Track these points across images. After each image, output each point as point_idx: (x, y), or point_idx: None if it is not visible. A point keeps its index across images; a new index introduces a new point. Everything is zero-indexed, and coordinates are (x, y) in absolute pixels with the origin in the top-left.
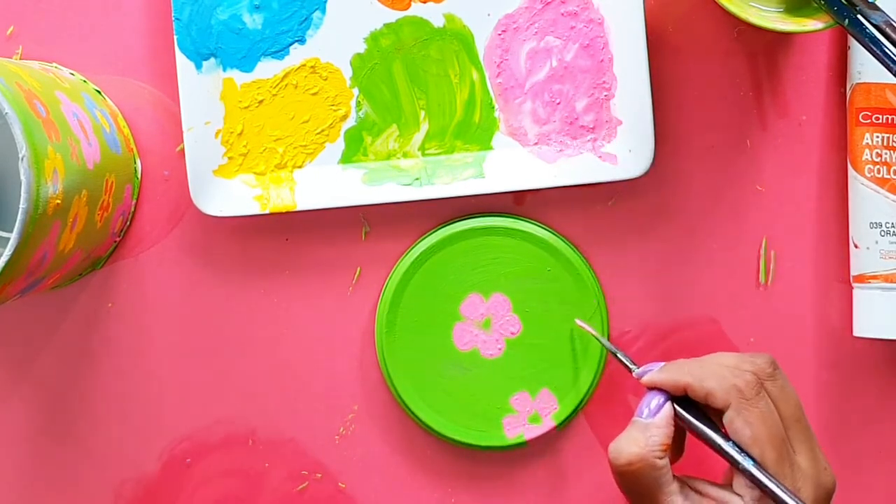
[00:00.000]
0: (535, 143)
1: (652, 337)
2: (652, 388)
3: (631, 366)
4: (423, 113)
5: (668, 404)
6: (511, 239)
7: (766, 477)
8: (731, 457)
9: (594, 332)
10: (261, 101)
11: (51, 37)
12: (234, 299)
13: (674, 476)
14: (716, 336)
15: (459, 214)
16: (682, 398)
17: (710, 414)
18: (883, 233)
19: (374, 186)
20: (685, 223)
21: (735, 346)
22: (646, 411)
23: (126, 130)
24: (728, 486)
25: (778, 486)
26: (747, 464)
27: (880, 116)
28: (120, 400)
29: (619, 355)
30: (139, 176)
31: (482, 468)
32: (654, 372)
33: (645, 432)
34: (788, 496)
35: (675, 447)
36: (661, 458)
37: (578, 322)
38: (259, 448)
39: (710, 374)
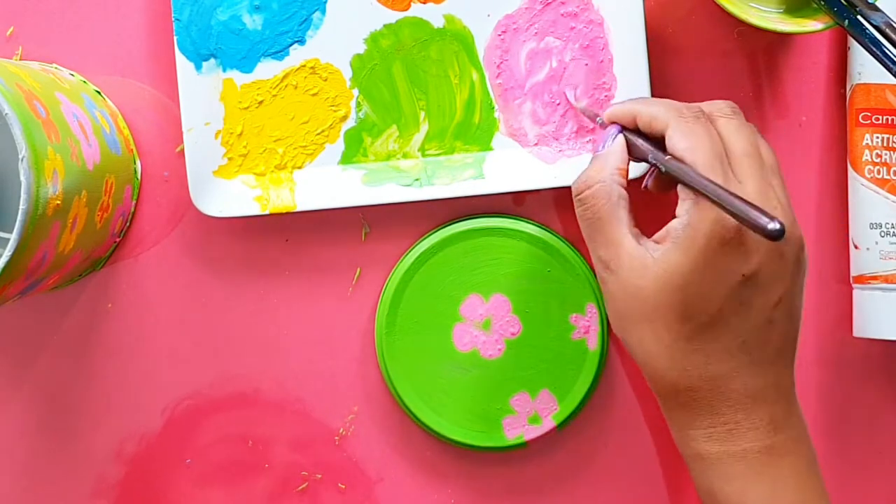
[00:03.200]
0: (535, 144)
1: None
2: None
3: (598, 113)
4: (422, 114)
5: (620, 133)
6: (511, 240)
7: (690, 169)
8: (665, 162)
9: (574, 103)
10: (261, 102)
11: (51, 37)
12: (233, 300)
13: (634, 225)
14: None
15: (459, 215)
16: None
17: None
18: (883, 233)
19: (374, 187)
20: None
21: None
22: (601, 146)
23: (126, 131)
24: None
25: (705, 180)
26: (675, 164)
27: (880, 117)
28: (120, 400)
29: (587, 112)
30: (139, 177)
31: (482, 469)
32: (613, 107)
33: (601, 160)
34: (713, 186)
35: (661, 185)
36: (618, 181)
37: (564, 91)
38: (259, 448)
39: (661, 102)
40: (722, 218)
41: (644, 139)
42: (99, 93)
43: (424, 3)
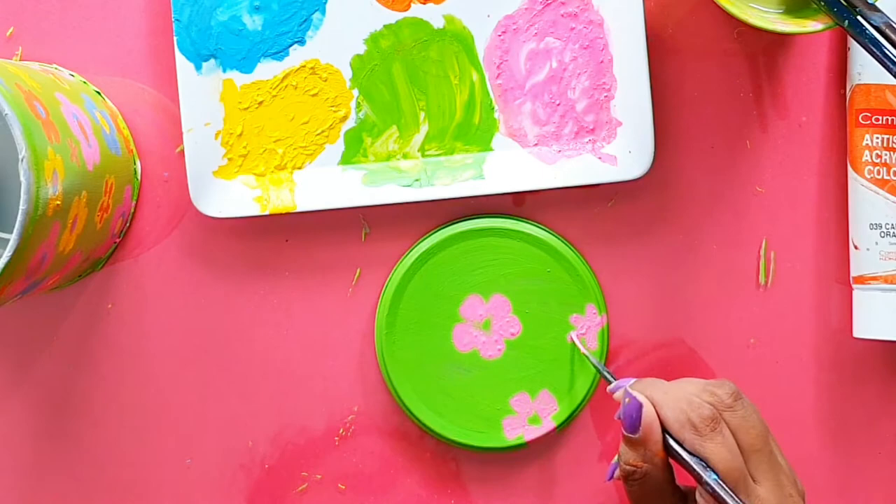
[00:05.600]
0: (535, 145)
1: (651, 338)
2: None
3: (611, 379)
4: (422, 114)
5: (652, 411)
6: (511, 240)
7: (726, 492)
8: (695, 471)
9: (583, 349)
10: (260, 103)
11: (51, 38)
12: (233, 300)
13: (676, 493)
14: (715, 337)
15: (459, 216)
16: None
17: None
18: (883, 234)
19: (374, 187)
20: (685, 224)
21: (735, 347)
22: (630, 426)
23: (126, 132)
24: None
25: (736, 501)
26: (709, 477)
27: (880, 118)
28: (120, 400)
29: (603, 372)
30: (139, 177)
31: (482, 469)
32: (624, 386)
33: (641, 447)
34: None
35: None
36: (663, 467)
37: (571, 336)
38: (259, 449)
39: (668, 402)
40: None
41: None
42: (99, 93)
43: (424, 3)
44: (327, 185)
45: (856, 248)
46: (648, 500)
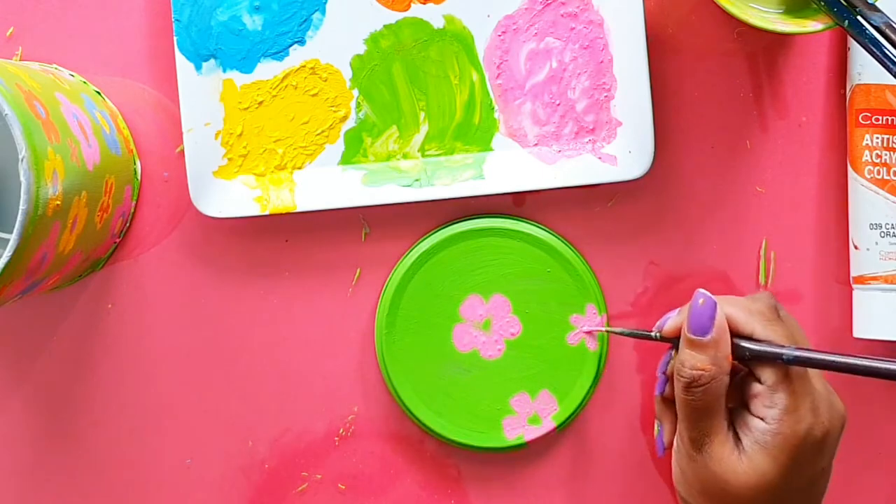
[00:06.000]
0: (535, 145)
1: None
2: (671, 337)
3: (650, 333)
4: (422, 114)
5: (721, 313)
6: (511, 240)
7: (810, 352)
8: (772, 352)
9: (603, 328)
10: (260, 103)
11: (51, 38)
12: (233, 300)
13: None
14: None
15: (459, 216)
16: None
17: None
18: (883, 234)
19: (374, 188)
20: (685, 224)
21: None
22: (701, 329)
23: (126, 132)
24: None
25: (825, 353)
26: (789, 351)
27: (880, 118)
28: (120, 400)
29: (635, 333)
30: (139, 177)
31: (482, 469)
32: (674, 316)
33: (711, 349)
34: (837, 356)
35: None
36: (728, 372)
37: (583, 330)
38: (259, 449)
39: (730, 303)
40: (813, 425)
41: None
42: (99, 93)
43: (424, 3)
44: (327, 185)
45: (856, 248)
46: (707, 410)
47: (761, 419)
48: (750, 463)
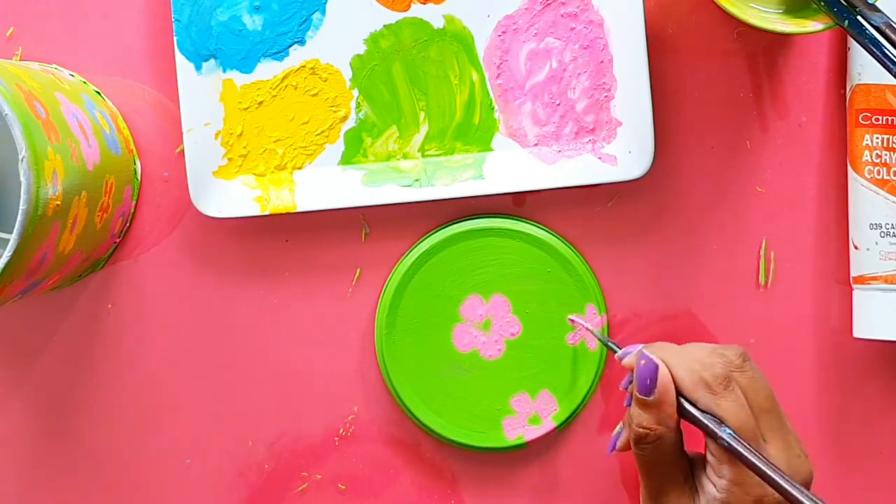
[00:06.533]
0: (535, 145)
1: (651, 338)
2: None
3: (616, 349)
4: (422, 114)
5: (664, 372)
6: (511, 240)
7: (742, 446)
8: (709, 428)
9: (585, 325)
10: (260, 103)
11: (51, 38)
12: (233, 301)
13: (685, 465)
14: (715, 337)
15: (459, 216)
16: None
17: None
18: (883, 234)
19: (374, 188)
20: (685, 224)
21: None
22: (645, 389)
23: (126, 132)
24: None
25: (754, 454)
26: (724, 433)
27: (880, 118)
28: (119, 401)
29: (608, 343)
30: (139, 177)
31: (482, 469)
32: (632, 355)
33: (656, 408)
34: (762, 462)
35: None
36: (675, 429)
37: (571, 319)
38: (259, 449)
39: (681, 363)
40: (763, 497)
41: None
42: (99, 93)
43: (424, 3)
44: (327, 185)
45: (856, 248)
46: (659, 464)
47: (713, 485)
48: None
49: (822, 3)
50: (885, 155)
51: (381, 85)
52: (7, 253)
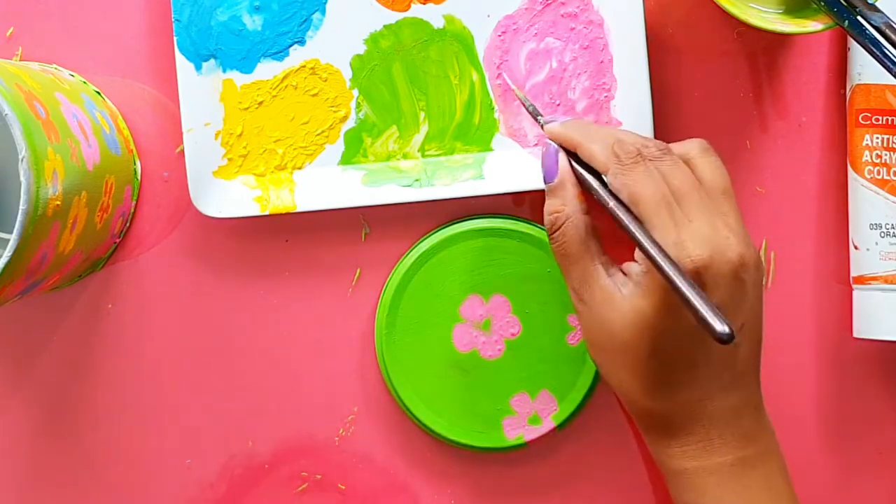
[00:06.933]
0: (535, 145)
1: None
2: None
3: (540, 116)
4: (422, 114)
5: (564, 156)
6: (511, 240)
7: (635, 224)
8: (612, 209)
9: (511, 84)
10: (260, 103)
11: (51, 38)
12: (233, 301)
13: (604, 253)
14: None
15: (459, 216)
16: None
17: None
18: (883, 234)
19: (374, 188)
20: None
21: None
22: (553, 175)
23: (126, 132)
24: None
25: (646, 235)
26: (622, 214)
27: (880, 118)
28: (119, 401)
29: (529, 106)
30: (139, 177)
31: (482, 469)
32: (556, 124)
33: (561, 192)
34: (651, 244)
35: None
36: (583, 211)
37: (503, 76)
38: (259, 449)
39: (599, 138)
40: (682, 262)
41: (587, 170)
42: (99, 93)
43: (424, 3)
44: (327, 185)
45: (856, 248)
46: (574, 256)
47: (634, 266)
48: (629, 304)
49: (822, 3)
50: (885, 155)
51: (381, 85)
52: (7, 253)
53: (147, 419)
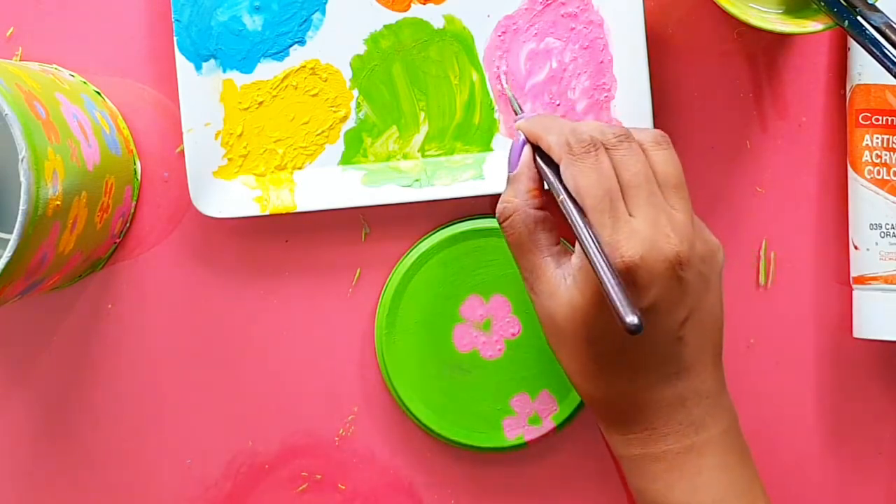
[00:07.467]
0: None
1: None
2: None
3: (519, 112)
4: (422, 114)
5: (528, 149)
6: None
7: (577, 214)
8: (560, 202)
9: (504, 78)
10: (261, 103)
11: (51, 38)
12: (233, 301)
13: (559, 241)
14: None
15: (459, 216)
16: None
17: None
18: (883, 234)
19: (374, 188)
20: None
21: (734, 348)
22: (514, 166)
23: (126, 132)
24: None
25: (584, 230)
26: (568, 207)
27: (880, 118)
28: (119, 401)
29: (513, 101)
30: (139, 177)
31: (482, 469)
32: (523, 119)
33: (515, 184)
34: (587, 238)
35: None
36: (532, 205)
37: (499, 74)
38: (259, 449)
39: (557, 129)
40: (614, 258)
41: (547, 163)
42: (99, 93)
43: (424, 3)
44: (327, 185)
45: (856, 248)
46: (523, 246)
47: (574, 255)
48: (567, 295)
49: (822, 3)
50: (885, 155)
51: (381, 85)
52: (7, 253)
53: (147, 419)
